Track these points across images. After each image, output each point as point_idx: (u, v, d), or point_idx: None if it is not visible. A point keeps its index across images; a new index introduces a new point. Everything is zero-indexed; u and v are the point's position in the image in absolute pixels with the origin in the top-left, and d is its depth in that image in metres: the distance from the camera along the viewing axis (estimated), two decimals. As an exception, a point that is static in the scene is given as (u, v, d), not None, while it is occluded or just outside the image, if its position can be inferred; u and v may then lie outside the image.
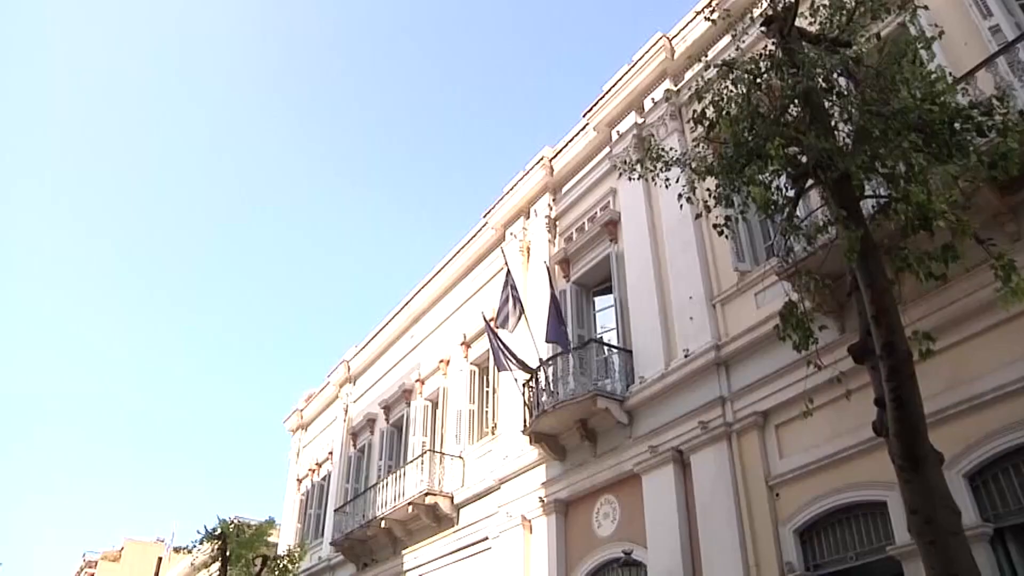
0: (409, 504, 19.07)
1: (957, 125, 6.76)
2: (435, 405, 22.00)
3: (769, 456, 11.69)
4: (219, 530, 20.98)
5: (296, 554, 22.44)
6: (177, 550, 24.19)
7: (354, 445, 26.13)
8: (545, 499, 15.46)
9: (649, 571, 12.76)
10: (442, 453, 19.91)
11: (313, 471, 28.87)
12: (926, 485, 6.43)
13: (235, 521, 21.67)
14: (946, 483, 6.67)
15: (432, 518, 19.14)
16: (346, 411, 27.47)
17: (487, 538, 17.06)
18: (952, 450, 8.80)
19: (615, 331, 15.92)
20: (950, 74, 8.28)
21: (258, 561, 21.45)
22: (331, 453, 27.55)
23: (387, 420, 24.19)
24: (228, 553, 20.70)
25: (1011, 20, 10.35)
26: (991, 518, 8.85)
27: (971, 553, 6.28)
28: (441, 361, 21.93)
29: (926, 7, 9.45)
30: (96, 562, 65.85)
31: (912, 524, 6.44)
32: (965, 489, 8.97)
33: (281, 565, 21.84)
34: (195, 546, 21.45)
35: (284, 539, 28.71)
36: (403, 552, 20.22)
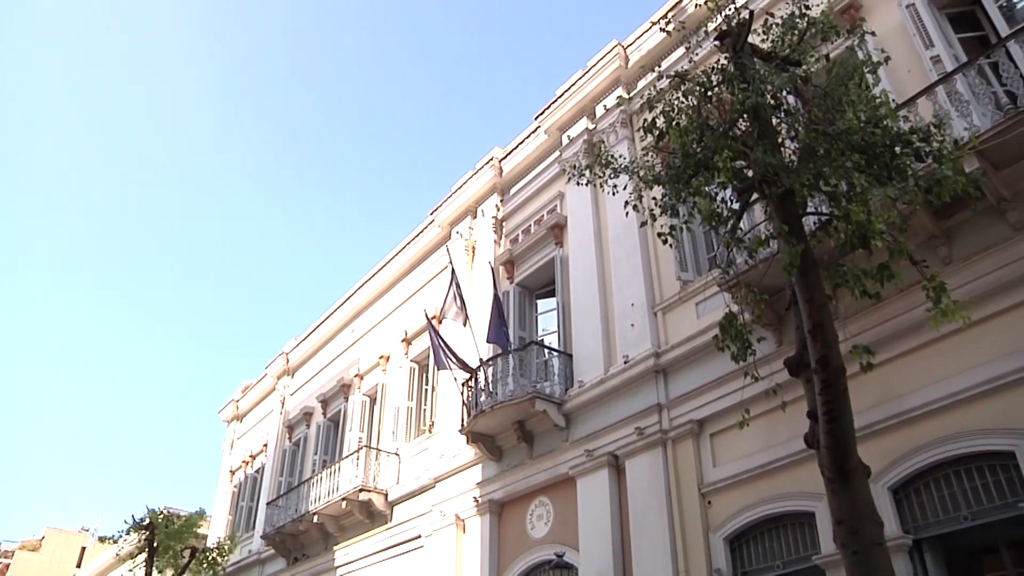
0: (343, 500, 18.92)
1: (897, 149, 6.96)
2: (373, 401, 21.85)
3: (703, 464, 11.86)
4: (147, 520, 20.48)
5: (226, 547, 22.02)
6: (102, 540, 23.53)
7: (290, 438, 25.83)
8: (480, 499, 15.47)
9: (580, 574, 12.85)
10: (378, 449, 19.77)
11: (247, 463, 28.43)
12: (853, 497, 6.62)
13: (164, 511, 21.20)
14: (871, 496, 6.88)
15: (366, 514, 19.01)
16: (283, 403, 27.13)
17: (420, 536, 17.00)
18: (879, 464, 9.07)
19: (556, 334, 16.00)
20: (893, 100, 8.51)
21: (186, 553, 21.01)
22: (266, 445, 27.18)
23: (324, 414, 23.96)
24: (155, 544, 20.23)
25: (950, 52, 10.74)
26: (911, 529, 9.15)
27: (891, 563, 6.48)
28: (381, 357, 21.79)
29: (873, 33, 9.72)
30: (13, 552, 63.44)
31: (838, 534, 6.64)
32: (889, 502, 9.25)
33: (210, 557, 21.43)
34: (121, 536, 20.86)
35: (214, 531, 28.19)
36: (335, 548, 20.04)
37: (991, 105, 9.44)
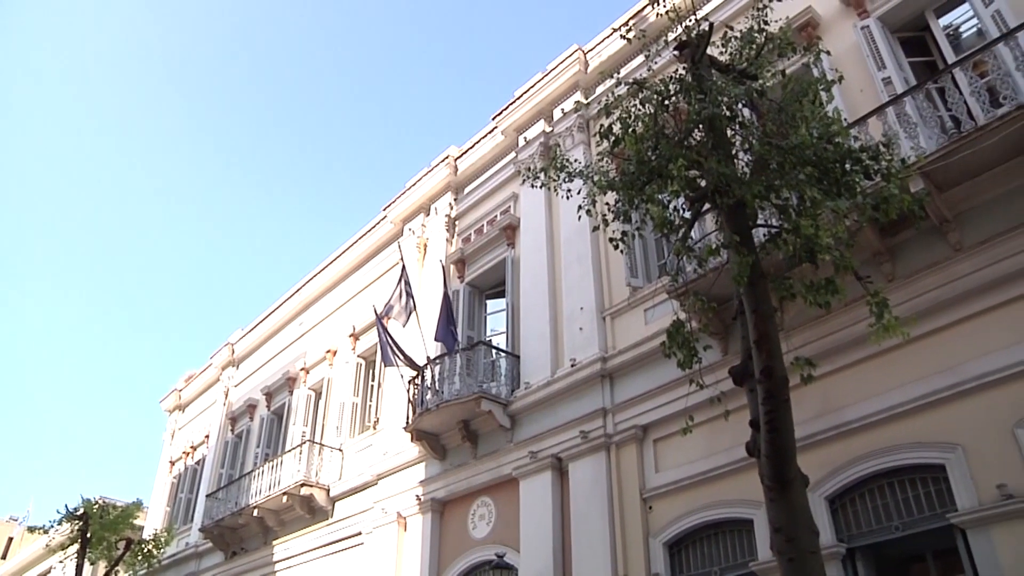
0: (284, 494, 18.69)
1: (848, 165, 7.10)
2: (318, 395, 21.65)
3: (645, 469, 11.97)
4: (81, 510, 20.01)
5: (162, 539, 21.61)
6: (32, 530, 22.72)
7: (232, 430, 25.44)
8: (422, 497, 15.41)
9: (520, 575, 12.87)
10: (322, 444, 19.58)
11: (187, 454, 27.92)
12: (791, 506, 6.75)
13: (100, 501, 20.73)
14: (809, 505, 7.01)
15: (307, 509, 18.80)
16: (226, 394, 26.72)
17: (361, 533, 16.87)
18: (817, 474, 9.25)
19: (505, 335, 16.02)
20: (845, 118, 8.72)
21: (121, 545, 20.59)
22: (207, 436, 26.72)
23: (268, 407, 23.66)
24: (89, 535, 19.77)
25: (901, 75, 11.04)
26: (845, 538, 9.37)
27: (825, 571, 6.62)
28: (328, 351, 21.60)
29: (829, 52, 9.96)
30: (-69, 540, 61.11)
31: (775, 542, 6.76)
32: (825, 511, 9.45)
33: (145, 550, 21.01)
34: (53, 526, 20.34)
35: (151, 523, 27.65)
36: (274, 542, 19.80)
37: (937, 128, 9.72)
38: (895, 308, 7.31)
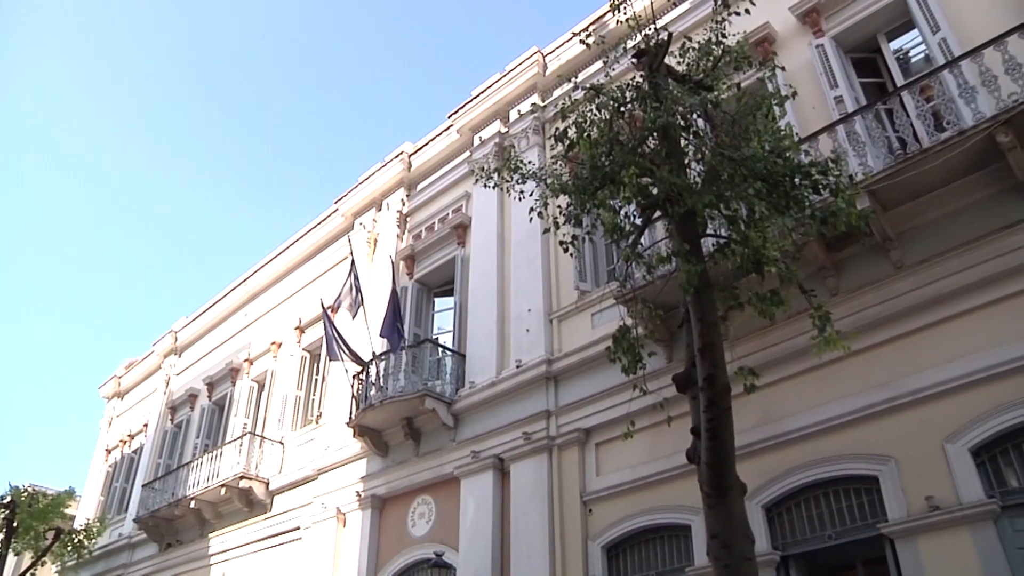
0: (222, 486, 18.42)
1: (797, 180, 7.21)
2: (261, 387, 21.34)
3: (587, 472, 12.04)
4: (8, 498, 19.43)
5: (94, 529, 21.09)
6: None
7: (172, 419, 24.96)
8: (362, 493, 15.32)
9: (458, 574, 12.85)
10: (263, 437, 19.31)
11: (125, 442, 27.30)
12: (728, 513, 6.85)
13: (30, 489, 20.16)
14: (746, 512, 7.13)
15: (245, 502, 18.56)
16: (167, 383, 26.22)
17: (299, 528, 16.71)
18: (755, 482, 9.40)
19: (451, 334, 16.00)
20: (796, 133, 8.86)
21: (50, 534, 20.04)
22: (146, 425, 26.17)
23: (210, 397, 23.27)
24: (16, 524, 19.20)
25: (852, 94, 11.29)
26: (780, 546, 9.55)
27: (759, 578, 6.73)
28: (273, 343, 21.33)
29: (784, 68, 10.09)
30: None
31: (711, 548, 6.86)
32: (762, 519, 9.61)
33: (75, 540, 20.47)
34: (-24, 514, 19.69)
35: (83, 512, 26.98)
36: (210, 535, 19.50)
37: (884, 148, 9.96)
38: (837, 322, 7.45)
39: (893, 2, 11.49)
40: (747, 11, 8.09)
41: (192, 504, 19.45)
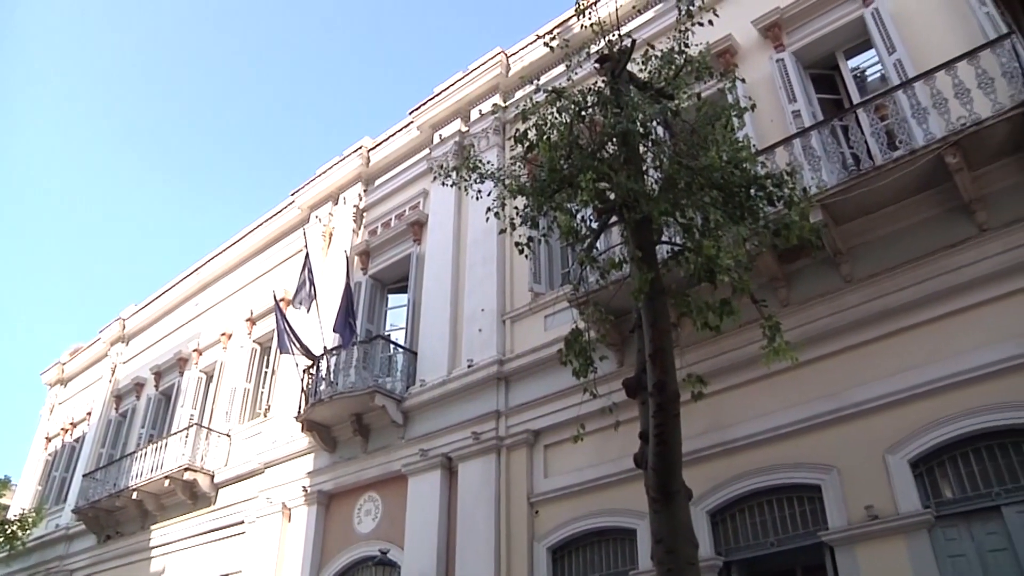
0: (166, 477, 18.08)
1: (753, 191, 7.30)
2: (210, 378, 21.01)
3: (534, 474, 12.07)
4: (-61, 486, 18.89)
5: (29, 519, 20.54)
6: None
7: (116, 408, 24.45)
8: (309, 489, 15.18)
9: (403, 573, 12.79)
10: (209, 429, 19.02)
11: (66, 430, 26.63)
12: (673, 518, 6.92)
13: (-39, 477, 19.61)
14: (691, 518, 7.20)
15: (189, 495, 18.24)
16: (113, 371, 25.67)
17: (243, 522, 16.51)
18: (701, 488, 9.50)
19: (404, 331, 15.93)
20: (754, 145, 8.99)
21: (-18, 525, 19.50)
22: (89, 413, 25.56)
23: (156, 387, 22.85)
24: (-56, 513, 18.63)
25: (810, 109, 11.50)
26: (723, 552, 9.69)
27: (701, 583, 6.81)
28: (223, 334, 21.02)
29: (744, 80, 10.25)
30: None
31: (655, 552, 6.92)
32: (706, 524, 9.74)
33: (8, 531, 19.92)
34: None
35: (19, 502, 26.30)
36: (152, 527, 19.14)
37: (838, 163, 10.15)
38: (787, 333, 7.55)
39: (852, 22, 11.73)
40: (710, 22, 8.17)
41: (134, 495, 19.06)
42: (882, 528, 8.48)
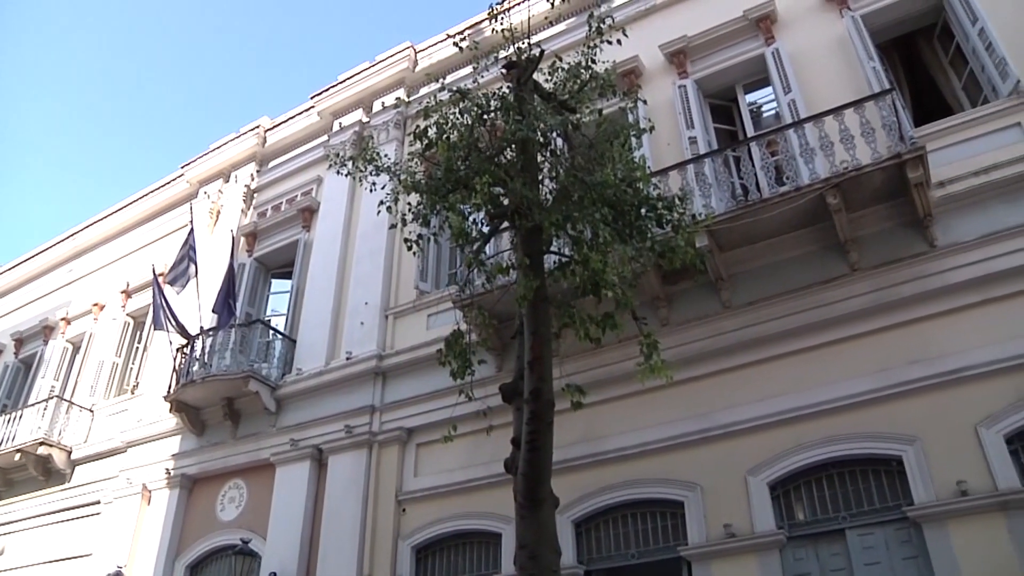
0: (18, 451, 17.08)
1: (643, 211, 7.45)
2: (76, 349, 20.04)
3: (405, 472, 12.03)
4: None
5: None
6: None
7: (-33, 375, 23.01)
8: (172, 471, 14.68)
9: (263, 563, 12.50)
10: (71, 402, 18.12)
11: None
12: (539, 524, 7.00)
13: None
14: (556, 525, 7.30)
15: (41, 471, 17.27)
16: (-32, 334, 24.18)
17: (99, 502, 15.81)
18: (568, 497, 9.65)
19: (285, 317, 15.63)
20: (649, 166, 9.18)
21: None
22: (-63, 377, 24.01)
23: (16, 354, 21.60)
24: None
25: (706, 137, 11.88)
26: (585, 561, 9.89)
27: (560, 590, 6.91)
28: (95, 304, 20.07)
29: (646, 102, 10.49)
30: None
31: (518, 557, 6.99)
32: (571, 533, 9.92)
33: None
34: None
35: None
36: (-3, 504, 18.08)
37: (728, 192, 10.49)
38: (664, 352, 7.71)
39: (754, 58, 12.19)
40: (619, 42, 8.29)
41: (-21, 467, 17.96)
42: (738, 546, 8.84)
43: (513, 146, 7.43)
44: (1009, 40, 10.15)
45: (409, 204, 7.95)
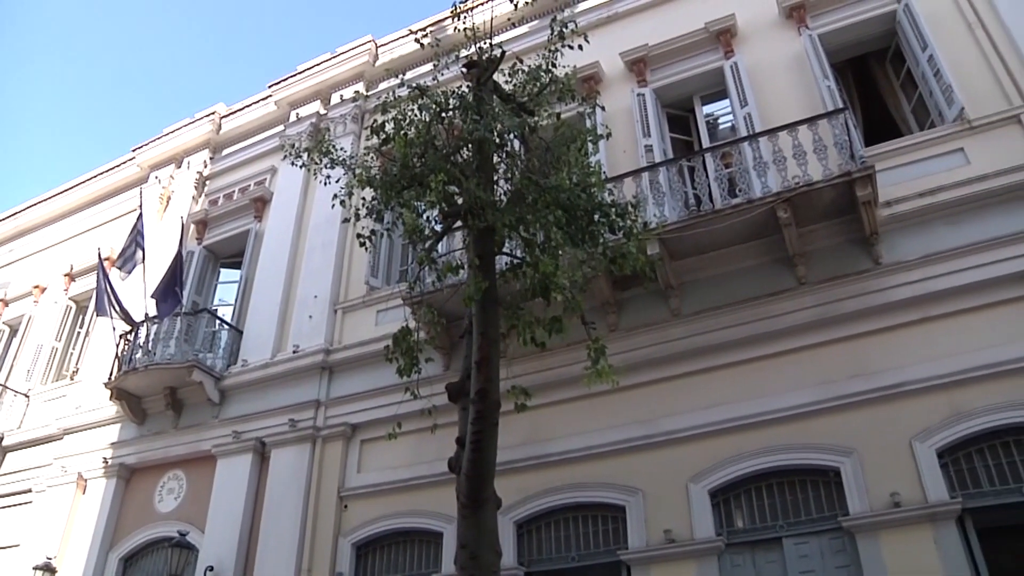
0: (-57, 435, 16.63)
1: (596, 216, 7.48)
2: (14, 332, 19.55)
3: (348, 468, 11.96)
4: None
5: None
6: None
7: None
8: (110, 460, 14.37)
9: (200, 557, 12.30)
10: (5, 386, 17.66)
11: None
12: (480, 525, 7.02)
13: None
14: (497, 526, 7.32)
15: (-31, 457, 16.84)
16: None
17: (31, 491, 15.42)
18: (511, 498, 9.68)
19: (232, 308, 15.42)
20: (604, 172, 9.24)
21: None
22: None
23: (-52, 335, 21.00)
24: None
25: (662, 146, 11.99)
26: (525, 562, 9.96)
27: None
28: (36, 287, 19.57)
29: (604, 108, 10.58)
30: None
31: (459, 557, 7.01)
32: (512, 534, 9.96)
33: None
34: None
35: None
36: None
37: (681, 202, 10.62)
38: (611, 357, 7.74)
39: (712, 71, 12.37)
40: (580, 47, 8.32)
41: (-101, 454, 17.33)
42: (677, 552, 8.95)
43: (470, 146, 7.42)
44: (956, 68, 10.43)
45: (363, 199, 7.90)
